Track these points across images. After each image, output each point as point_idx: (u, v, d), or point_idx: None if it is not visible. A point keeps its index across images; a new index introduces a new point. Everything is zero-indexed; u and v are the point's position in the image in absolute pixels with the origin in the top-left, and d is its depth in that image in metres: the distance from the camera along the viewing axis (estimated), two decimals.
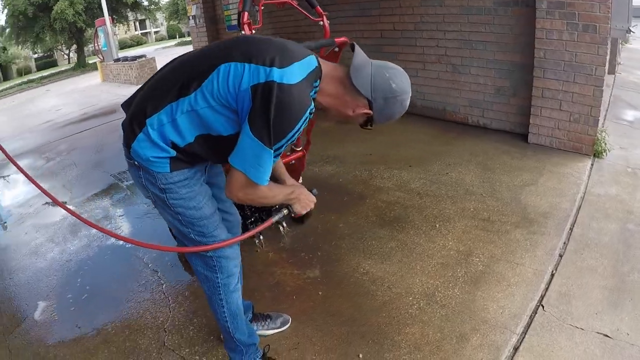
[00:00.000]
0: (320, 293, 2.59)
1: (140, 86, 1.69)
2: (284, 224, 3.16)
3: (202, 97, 1.49)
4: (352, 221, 3.26)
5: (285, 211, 1.81)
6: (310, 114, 1.52)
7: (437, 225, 3.05)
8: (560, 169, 3.53)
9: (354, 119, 1.62)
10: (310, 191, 1.88)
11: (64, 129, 7.76)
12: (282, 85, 1.40)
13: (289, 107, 1.42)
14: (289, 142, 1.50)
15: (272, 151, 1.47)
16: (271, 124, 1.42)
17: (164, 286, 2.79)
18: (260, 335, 2.29)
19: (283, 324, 2.36)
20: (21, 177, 5.53)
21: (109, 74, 14.14)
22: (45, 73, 26.29)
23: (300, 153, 2.92)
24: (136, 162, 1.60)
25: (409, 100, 1.60)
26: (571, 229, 2.83)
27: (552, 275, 2.45)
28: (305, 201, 1.80)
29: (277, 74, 1.41)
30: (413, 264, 2.71)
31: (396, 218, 3.21)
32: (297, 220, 3.27)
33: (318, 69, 1.56)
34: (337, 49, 2.47)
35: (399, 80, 1.56)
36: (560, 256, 2.59)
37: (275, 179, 1.97)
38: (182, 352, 2.29)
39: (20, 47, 26.03)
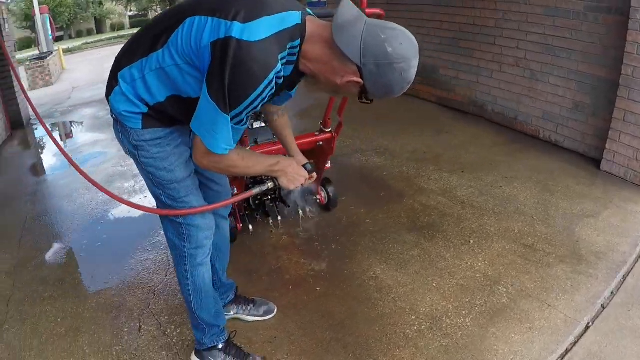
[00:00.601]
0: (318, 289, 2.35)
1: None
2: (308, 209, 2.95)
3: (169, 53, 1.33)
4: (380, 219, 2.96)
5: (270, 184, 1.66)
6: (278, 78, 1.28)
7: (471, 242, 2.64)
8: (629, 206, 2.90)
9: (344, 89, 1.34)
10: (304, 166, 1.68)
11: None
12: (241, 42, 1.19)
13: (247, 68, 1.20)
14: (251, 109, 1.28)
15: (229, 117, 1.27)
16: (226, 86, 1.21)
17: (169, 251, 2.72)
18: (239, 320, 2.14)
19: (266, 313, 2.18)
20: (80, 125, 5.91)
21: None
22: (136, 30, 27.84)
23: (328, 135, 2.66)
24: (114, 116, 1.50)
25: (413, 71, 1.27)
26: (624, 278, 2.28)
27: (587, 328, 1.98)
28: (293, 175, 1.60)
29: (237, 29, 1.20)
30: (430, 279, 2.36)
31: (429, 225, 2.86)
32: (323, 207, 3.04)
33: (298, 27, 1.29)
34: None
35: (398, 43, 1.23)
36: (603, 307, 2.09)
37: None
38: (161, 318, 2.20)
39: (115, 3, 27.23)
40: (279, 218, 2.85)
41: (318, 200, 2.99)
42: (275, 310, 2.20)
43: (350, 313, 2.18)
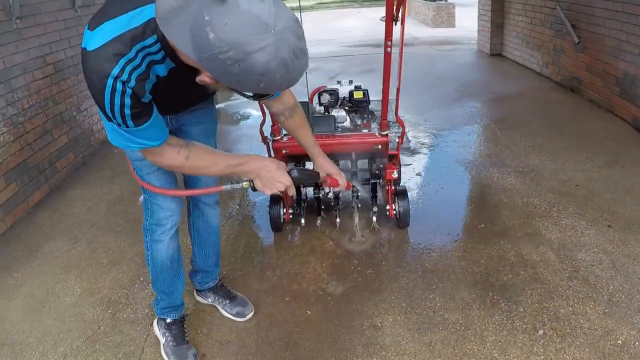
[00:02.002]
0: (309, 312, 1.99)
1: None
2: (374, 219, 2.48)
3: None
4: (449, 257, 2.28)
5: (244, 183, 1.39)
6: (142, 80, 1.10)
7: (541, 332, 1.76)
8: None
9: (215, 86, 1.11)
10: (289, 172, 1.38)
11: (335, 47, 8.16)
12: (84, 52, 1.08)
13: (89, 79, 1.09)
14: (127, 119, 1.13)
15: (115, 124, 1.16)
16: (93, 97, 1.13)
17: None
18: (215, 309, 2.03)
19: (238, 314, 1.98)
20: None
21: (412, 10, 13.10)
22: None
23: (383, 139, 2.11)
24: None
25: (258, 57, 0.89)
26: None
27: None
28: (268, 179, 1.34)
29: (85, 38, 1.09)
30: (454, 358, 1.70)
31: (503, 286, 2.04)
32: (396, 222, 2.50)
33: (152, 21, 1.02)
34: None
35: (221, 25, 0.87)
36: None
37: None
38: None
39: None
40: (338, 220, 2.49)
41: (387, 213, 2.48)
42: (249, 315, 1.98)
43: (314, 356, 1.76)
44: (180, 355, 1.75)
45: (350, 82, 2.68)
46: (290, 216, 2.53)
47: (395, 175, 2.27)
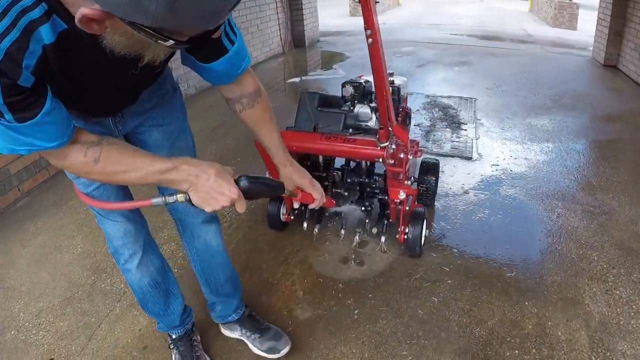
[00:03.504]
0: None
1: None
2: (383, 239, 2.09)
3: None
4: (450, 305, 1.80)
5: (178, 196, 0.97)
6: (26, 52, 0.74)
7: None
8: None
9: (109, 35, 0.72)
10: (237, 180, 0.97)
11: (438, 33, 7.26)
12: None
13: None
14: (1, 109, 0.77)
15: None
16: None
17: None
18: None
19: (271, 350, 1.61)
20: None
21: (536, 5, 11.58)
22: None
23: (381, 152, 1.66)
24: None
25: None
26: None
27: None
28: (206, 191, 0.94)
29: None
30: None
31: (494, 357, 1.55)
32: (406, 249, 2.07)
33: None
34: None
35: None
36: None
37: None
38: None
39: None
40: (342, 232, 2.13)
41: (398, 236, 2.05)
42: (284, 351, 1.60)
43: None
44: None
45: (391, 74, 2.21)
46: (291, 217, 2.23)
47: (402, 196, 1.82)
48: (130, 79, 0.96)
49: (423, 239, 2.08)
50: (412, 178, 2.11)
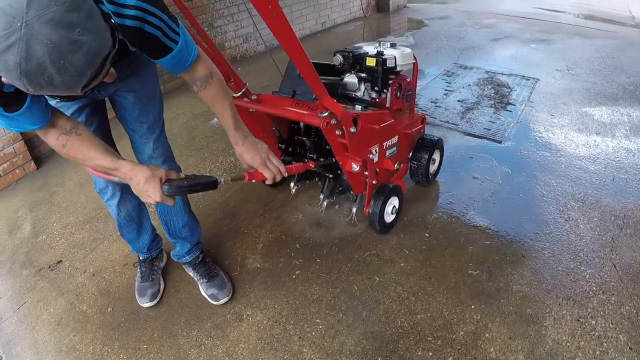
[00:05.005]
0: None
1: None
2: (355, 210, 1.98)
3: None
4: (388, 285, 1.67)
5: (124, 181, 1.16)
6: None
7: None
8: None
9: None
10: (212, 180, 1.16)
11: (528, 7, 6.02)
12: None
13: None
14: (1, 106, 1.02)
15: None
16: None
17: None
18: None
19: (212, 297, 1.71)
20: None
21: None
22: None
23: (318, 121, 1.49)
24: None
25: (11, 59, 0.76)
26: None
27: None
28: (137, 190, 1.13)
29: None
30: None
31: (401, 358, 1.39)
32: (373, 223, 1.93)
33: None
34: None
35: None
36: None
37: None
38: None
39: None
40: (321, 196, 2.05)
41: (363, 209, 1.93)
42: (223, 301, 1.69)
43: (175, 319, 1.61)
44: (141, 291, 1.75)
45: (393, 45, 1.97)
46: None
47: (355, 168, 1.66)
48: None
49: (391, 216, 1.93)
50: (389, 152, 1.91)
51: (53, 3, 0.74)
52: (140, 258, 1.80)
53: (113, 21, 0.97)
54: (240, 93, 1.74)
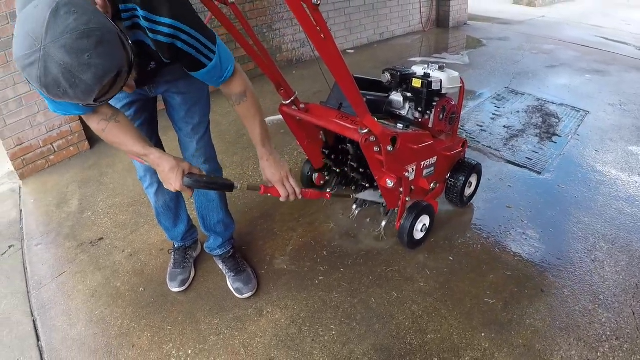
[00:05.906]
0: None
1: None
2: (383, 224, 2.08)
3: None
4: (404, 303, 1.76)
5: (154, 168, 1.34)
6: None
7: None
8: None
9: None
10: (229, 183, 1.34)
11: (589, 36, 5.78)
12: None
13: None
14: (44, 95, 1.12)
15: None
16: None
17: None
18: None
19: (237, 290, 1.84)
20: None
21: None
22: None
23: (357, 136, 1.59)
24: None
25: (34, 73, 0.89)
26: None
27: None
28: (162, 177, 1.30)
29: None
30: None
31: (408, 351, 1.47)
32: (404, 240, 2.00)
33: None
34: None
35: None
36: None
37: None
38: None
39: None
40: (354, 207, 2.15)
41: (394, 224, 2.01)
42: (246, 295, 1.81)
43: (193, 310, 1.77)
44: (172, 276, 1.89)
45: (442, 67, 2.03)
46: (322, 182, 2.32)
47: (390, 184, 1.75)
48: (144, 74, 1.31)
49: (421, 233, 2.00)
50: (426, 171, 1.98)
51: (67, 31, 0.86)
52: (175, 246, 1.96)
53: (149, 38, 1.11)
54: (289, 101, 1.83)
